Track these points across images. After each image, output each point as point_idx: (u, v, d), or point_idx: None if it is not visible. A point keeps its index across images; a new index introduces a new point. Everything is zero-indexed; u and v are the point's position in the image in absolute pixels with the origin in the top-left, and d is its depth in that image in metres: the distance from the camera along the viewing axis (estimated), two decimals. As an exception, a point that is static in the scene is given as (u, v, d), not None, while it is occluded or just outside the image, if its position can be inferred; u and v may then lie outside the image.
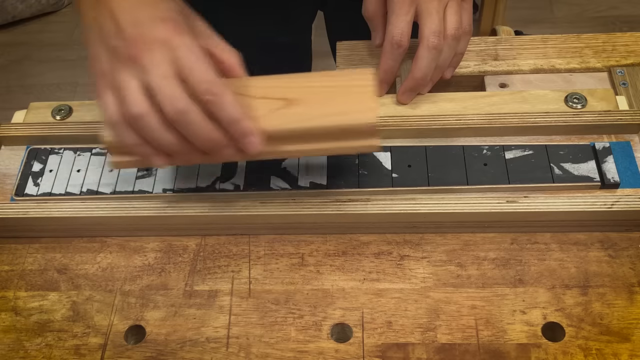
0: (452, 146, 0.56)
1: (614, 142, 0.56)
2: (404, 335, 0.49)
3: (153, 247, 0.55)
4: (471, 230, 0.54)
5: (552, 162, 0.54)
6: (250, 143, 0.45)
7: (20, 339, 0.50)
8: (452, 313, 0.49)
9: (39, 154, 0.58)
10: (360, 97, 0.46)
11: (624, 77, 0.64)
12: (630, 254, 0.52)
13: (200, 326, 0.50)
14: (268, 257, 0.53)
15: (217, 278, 0.52)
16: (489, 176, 0.54)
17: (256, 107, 0.46)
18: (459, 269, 0.52)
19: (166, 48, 0.44)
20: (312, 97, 0.46)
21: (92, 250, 0.55)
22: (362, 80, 0.47)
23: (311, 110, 0.46)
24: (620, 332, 0.48)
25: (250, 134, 0.45)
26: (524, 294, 0.50)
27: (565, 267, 0.51)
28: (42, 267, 0.54)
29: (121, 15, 0.45)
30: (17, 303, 0.52)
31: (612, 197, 0.52)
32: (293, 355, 0.48)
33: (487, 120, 0.57)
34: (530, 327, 0.48)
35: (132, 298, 0.52)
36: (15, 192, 0.56)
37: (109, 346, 0.49)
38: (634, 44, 0.67)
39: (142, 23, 0.45)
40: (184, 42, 0.44)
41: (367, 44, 0.69)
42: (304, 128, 0.46)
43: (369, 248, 0.53)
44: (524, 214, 0.51)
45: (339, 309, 0.50)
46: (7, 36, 2.07)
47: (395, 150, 0.56)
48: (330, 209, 0.52)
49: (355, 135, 0.46)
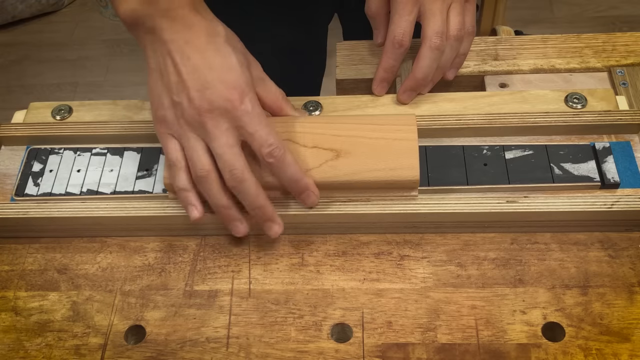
0: (452, 146, 0.56)
1: (614, 142, 0.56)
2: (404, 335, 0.49)
3: (153, 247, 0.55)
4: (471, 230, 0.54)
5: (552, 162, 0.54)
6: (309, 197, 0.51)
7: (20, 339, 0.50)
8: (452, 313, 0.49)
9: (39, 154, 0.58)
10: (405, 153, 0.51)
11: (624, 77, 0.64)
12: (630, 254, 0.52)
13: (200, 326, 0.50)
14: (268, 257, 0.53)
15: (217, 278, 0.52)
16: (489, 176, 0.54)
17: (308, 157, 0.52)
18: (459, 269, 0.52)
19: (231, 117, 0.48)
20: (360, 150, 0.52)
21: (92, 250, 0.55)
22: (407, 132, 0.52)
23: (359, 164, 0.51)
24: (620, 332, 0.48)
25: (308, 189, 0.50)
26: (524, 294, 0.50)
27: (565, 267, 0.51)
28: (42, 267, 0.54)
29: (184, 67, 0.48)
30: (17, 303, 0.52)
31: (612, 197, 0.52)
32: (293, 355, 0.48)
33: (487, 120, 0.57)
34: (530, 327, 0.48)
35: (132, 298, 0.52)
36: (15, 192, 0.56)
37: (109, 346, 0.49)
38: (634, 44, 0.67)
39: (208, 87, 0.48)
40: (246, 110, 0.48)
41: (368, 43, 0.69)
42: (353, 181, 0.51)
43: (369, 248, 0.53)
44: (524, 214, 0.51)
45: (339, 309, 0.50)
46: (7, 36, 2.07)
47: (395, 150, 0.56)
48: (330, 209, 0.52)
49: (398, 187, 0.52)
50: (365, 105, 0.61)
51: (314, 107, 0.61)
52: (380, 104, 0.61)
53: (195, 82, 0.48)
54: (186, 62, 0.48)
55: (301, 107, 0.61)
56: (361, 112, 0.60)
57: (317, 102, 0.61)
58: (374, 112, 0.60)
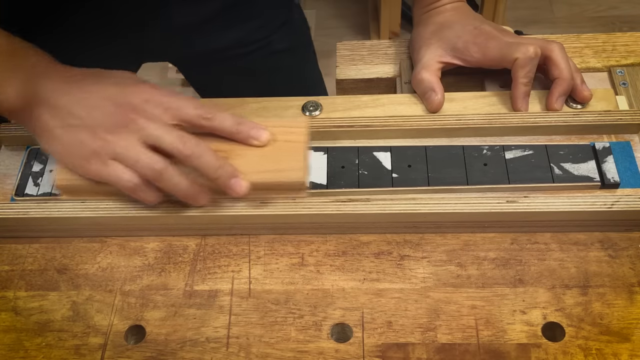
0: (452, 146, 0.56)
1: (614, 142, 0.56)
2: (404, 335, 0.49)
3: (153, 247, 0.55)
4: (471, 230, 0.54)
5: (552, 162, 0.54)
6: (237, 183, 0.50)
7: (20, 339, 0.50)
8: (452, 313, 0.49)
9: (39, 154, 0.58)
10: (292, 155, 0.52)
11: (624, 77, 0.64)
12: (630, 254, 0.52)
13: (200, 326, 0.50)
14: (268, 257, 0.54)
15: (217, 278, 0.52)
16: (489, 176, 0.54)
17: None
18: (459, 269, 0.52)
19: (151, 104, 0.50)
20: (249, 152, 0.52)
21: (92, 250, 0.55)
22: (297, 134, 0.53)
23: (247, 165, 0.51)
24: (620, 332, 0.48)
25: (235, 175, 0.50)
26: (524, 294, 0.50)
27: (565, 267, 0.51)
28: (42, 267, 0.54)
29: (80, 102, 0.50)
30: (17, 303, 0.52)
31: (612, 197, 0.52)
32: (293, 355, 0.48)
33: (487, 120, 0.57)
34: (530, 327, 0.48)
35: (132, 298, 0.52)
36: (16, 192, 0.56)
37: (109, 346, 0.49)
38: (634, 44, 0.67)
39: (118, 95, 0.50)
40: (162, 95, 0.50)
41: (368, 43, 0.69)
42: None
43: (369, 248, 0.53)
44: (524, 214, 0.51)
45: (339, 309, 0.50)
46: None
47: (395, 150, 0.56)
48: (330, 209, 0.52)
49: (285, 188, 0.52)
50: (365, 105, 0.61)
51: (314, 107, 0.61)
52: (380, 104, 0.61)
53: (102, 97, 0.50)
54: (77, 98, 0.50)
55: (301, 107, 0.61)
56: (361, 112, 0.61)
57: (317, 102, 0.61)
58: (374, 112, 0.60)
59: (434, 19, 0.65)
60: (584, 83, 0.60)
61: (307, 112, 0.61)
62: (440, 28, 0.64)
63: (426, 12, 0.66)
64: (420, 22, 0.66)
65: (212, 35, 0.76)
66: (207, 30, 0.75)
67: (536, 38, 0.62)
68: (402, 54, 0.70)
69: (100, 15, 0.70)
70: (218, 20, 0.75)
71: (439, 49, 0.63)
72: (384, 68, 0.69)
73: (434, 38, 0.63)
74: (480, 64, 0.62)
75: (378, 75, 0.69)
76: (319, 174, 0.55)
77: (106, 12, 0.70)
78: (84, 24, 0.70)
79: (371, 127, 0.57)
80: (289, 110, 0.61)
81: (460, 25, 0.63)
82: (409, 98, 0.62)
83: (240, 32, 0.77)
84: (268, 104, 0.62)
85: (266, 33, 0.80)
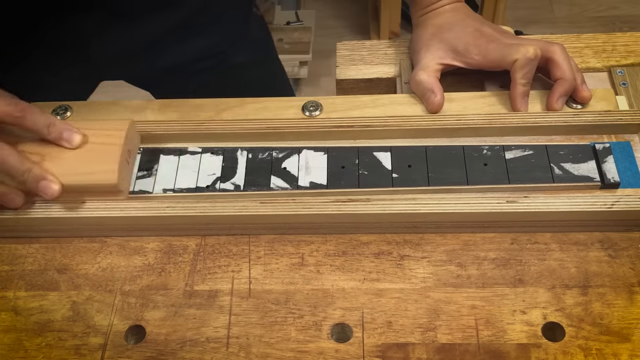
0: (452, 146, 0.56)
1: (614, 142, 0.56)
2: (404, 335, 0.49)
3: (153, 247, 0.55)
4: (471, 230, 0.54)
5: (552, 162, 0.54)
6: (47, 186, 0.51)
7: (20, 339, 0.50)
8: (452, 313, 0.49)
9: (39, 154, 0.58)
10: (107, 157, 0.52)
11: (624, 77, 0.64)
12: (630, 254, 0.52)
13: (200, 326, 0.50)
14: (268, 257, 0.54)
15: (217, 278, 0.52)
16: (489, 176, 0.54)
17: None
18: (459, 269, 0.52)
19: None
20: (65, 154, 0.53)
21: (92, 250, 0.55)
22: (115, 137, 0.53)
23: (61, 168, 0.52)
24: (620, 332, 0.48)
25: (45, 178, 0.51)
26: (524, 294, 0.50)
27: (565, 267, 0.51)
28: (42, 267, 0.54)
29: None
30: (17, 303, 0.52)
31: (612, 197, 0.52)
32: (293, 355, 0.48)
33: (487, 120, 0.57)
34: (530, 327, 0.48)
35: (132, 298, 0.52)
36: (15, 192, 0.56)
37: (109, 346, 0.49)
38: (634, 44, 0.67)
39: None
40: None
41: (368, 43, 0.69)
42: None
43: (369, 248, 0.53)
44: (524, 214, 0.51)
45: (339, 309, 0.50)
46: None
47: (395, 150, 0.56)
48: (330, 209, 0.52)
49: (99, 190, 0.53)
50: (365, 106, 0.61)
51: (314, 107, 0.61)
52: (380, 104, 0.61)
53: None
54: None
55: (301, 108, 0.61)
56: (361, 112, 0.61)
57: (317, 102, 0.61)
58: (374, 112, 0.60)
59: (434, 20, 0.65)
60: (585, 83, 0.60)
61: (307, 112, 0.61)
62: (440, 30, 0.64)
63: (425, 13, 0.65)
64: (420, 24, 0.66)
65: (167, 53, 0.76)
66: (160, 48, 0.75)
67: (537, 39, 0.62)
68: (402, 54, 0.70)
69: (46, 46, 0.71)
70: (172, 36, 0.75)
71: (439, 51, 0.63)
72: (384, 68, 0.69)
73: (434, 40, 0.63)
74: (480, 66, 0.62)
75: (378, 76, 0.69)
76: (319, 174, 0.55)
77: (49, 43, 0.71)
78: (31, 50, 0.72)
79: (371, 127, 0.57)
80: (289, 110, 0.61)
81: (460, 27, 0.63)
82: (409, 98, 0.62)
83: (195, 48, 0.77)
84: (268, 104, 0.62)
85: (223, 47, 0.79)
